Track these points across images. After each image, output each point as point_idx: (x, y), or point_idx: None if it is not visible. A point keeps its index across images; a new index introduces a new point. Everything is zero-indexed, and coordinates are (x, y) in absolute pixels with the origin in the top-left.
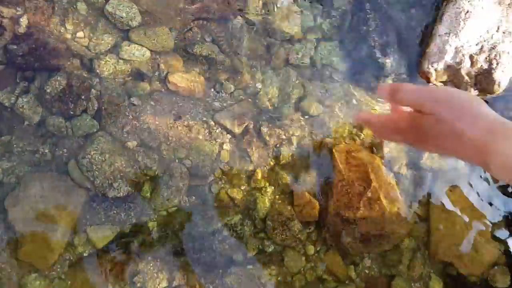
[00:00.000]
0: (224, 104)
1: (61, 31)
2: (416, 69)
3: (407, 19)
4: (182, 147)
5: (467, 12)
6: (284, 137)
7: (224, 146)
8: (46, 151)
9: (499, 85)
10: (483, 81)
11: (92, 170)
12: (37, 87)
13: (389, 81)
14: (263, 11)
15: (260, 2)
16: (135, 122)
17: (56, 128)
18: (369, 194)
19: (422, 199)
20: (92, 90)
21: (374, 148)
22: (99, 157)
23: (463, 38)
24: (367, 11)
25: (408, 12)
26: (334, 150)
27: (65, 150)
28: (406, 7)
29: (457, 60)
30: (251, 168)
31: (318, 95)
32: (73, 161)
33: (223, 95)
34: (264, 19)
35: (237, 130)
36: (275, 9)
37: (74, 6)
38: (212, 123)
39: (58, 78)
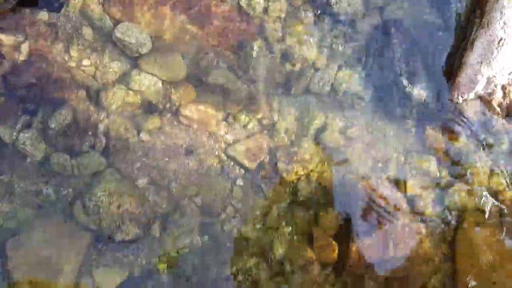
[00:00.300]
0: (238, 137)
1: (66, 58)
2: (444, 98)
3: (434, 42)
4: (193, 184)
5: (501, 39)
6: (302, 172)
7: (237, 182)
8: (50, 191)
9: None
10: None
11: (100, 213)
12: (40, 122)
13: (415, 111)
14: (282, 35)
15: (279, 26)
16: (144, 158)
17: (61, 166)
18: (394, 235)
19: (448, 237)
20: (100, 124)
21: (398, 184)
22: (107, 199)
23: (495, 67)
24: (393, 35)
25: (435, 35)
26: (356, 190)
27: (70, 189)
28: (433, 29)
29: (489, 90)
30: (266, 205)
31: (339, 125)
32: (79, 203)
33: (237, 127)
34: (283, 44)
35: (252, 165)
36: (295, 34)
37: (79, 31)
38: (225, 157)
39: (63, 112)
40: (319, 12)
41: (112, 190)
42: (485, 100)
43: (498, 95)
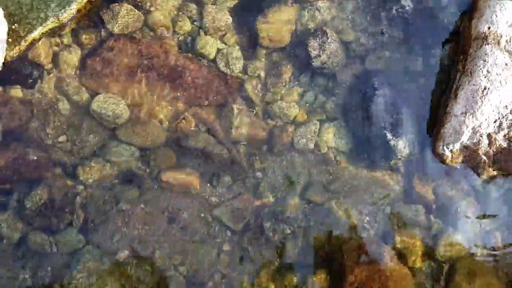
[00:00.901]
0: (222, 199)
1: (42, 136)
2: (429, 149)
3: (417, 91)
4: (177, 253)
5: (485, 89)
6: (289, 231)
7: (224, 247)
8: (27, 276)
9: None
10: (502, 160)
11: None
12: (16, 201)
13: (400, 162)
14: (262, 93)
15: (259, 84)
16: (124, 229)
17: (38, 245)
18: None
19: None
20: (77, 198)
21: (386, 238)
22: (86, 281)
23: (480, 117)
24: (374, 86)
25: (418, 84)
26: (343, 249)
27: (49, 269)
28: (416, 78)
29: (474, 140)
30: (254, 269)
31: (323, 181)
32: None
33: (220, 189)
34: (264, 102)
35: (237, 226)
36: (275, 91)
37: (55, 107)
38: (210, 220)
39: (39, 191)
40: (299, 67)
41: (91, 270)
42: (471, 150)
43: (484, 144)
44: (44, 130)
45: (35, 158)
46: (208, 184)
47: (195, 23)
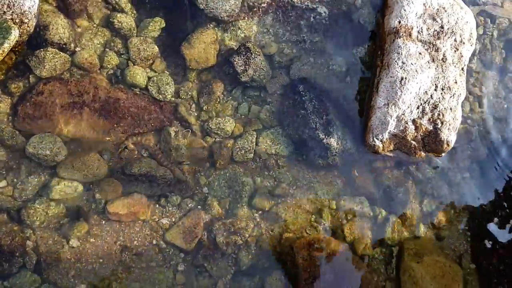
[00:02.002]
0: (173, 219)
1: None
2: (362, 142)
3: (343, 90)
4: (134, 281)
5: (402, 79)
6: (241, 241)
7: (179, 267)
8: None
9: (448, 144)
10: (431, 142)
11: None
12: None
13: (337, 158)
14: (198, 112)
15: (193, 104)
16: (78, 265)
17: None
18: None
19: (393, 275)
20: (28, 242)
21: (336, 232)
22: None
23: (402, 106)
24: (302, 92)
25: (343, 83)
26: (295, 249)
27: None
28: (340, 78)
29: (401, 128)
30: (211, 283)
31: (267, 186)
32: None
33: (170, 209)
34: (200, 120)
35: (190, 246)
36: (209, 109)
37: None
38: (164, 245)
39: None
40: (229, 83)
41: None
42: (399, 137)
43: (411, 130)
44: None
45: None
46: (157, 206)
47: (122, 56)
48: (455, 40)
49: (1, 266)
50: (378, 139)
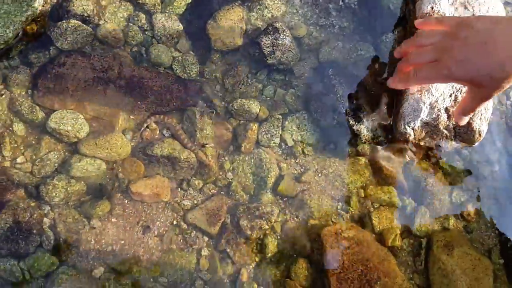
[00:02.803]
0: (195, 202)
1: None
2: (392, 129)
3: (373, 75)
4: (156, 264)
5: None
6: (266, 226)
7: (202, 252)
8: None
9: (480, 134)
10: (463, 132)
11: None
12: None
13: (366, 146)
14: (222, 94)
15: (218, 85)
16: (98, 246)
17: (9, 273)
18: (368, 277)
19: (421, 267)
20: (45, 220)
21: (363, 221)
22: None
23: (435, 93)
24: (331, 76)
25: (372, 68)
26: (322, 235)
27: None
28: (370, 63)
29: (434, 116)
30: (235, 270)
31: (293, 173)
32: None
33: (192, 192)
34: (224, 101)
35: (213, 229)
36: (234, 90)
37: (10, 129)
38: (185, 226)
39: (3, 216)
40: (255, 65)
41: None
42: (431, 126)
43: (443, 118)
44: (1, 153)
45: None
46: (180, 189)
47: (146, 32)
48: None
49: (17, 244)
50: (409, 126)
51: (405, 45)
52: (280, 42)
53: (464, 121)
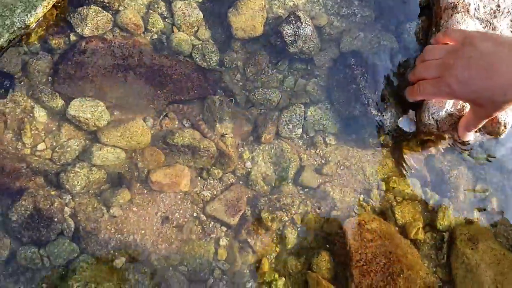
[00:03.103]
0: (215, 192)
1: (18, 147)
2: (415, 120)
3: (396, 67)
4: (175, 253)
5: None
6: (287, 218)
7: (221, 242)
8: None
9: (505, 126)
10: (488, 123)
11: None
12: (0, 216)
13: (389, 137)
14: (242, 83)
15: (238, 74)
16: (119, 235)
17: (29, 260)
18: (391, 269)
19: (443, 261)
20: (66, 208)
21: (385, 213)
22: None
23: None
24: (353, 67)
25: (395, 60)
26: (344, 227)
27: (44, 286)
28: (393, 54)
29: (458, 107)
30: (255, 260)
31: (315, 164)
32: None
33: (211, 182)
34: (245, 90)
35: (233, 220)
36: (255, 79)
37: (31, 115)
38: (204, 217)
39: (23, 203)
40: (276, 54)
41: (88, 279)
42: (456, 117)
43: (468, 109)
44: (21, 140)
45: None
46: (199, 178)
47: (166, 20)
48: (511, 20)
49: (38, 231)
50: (434, 118)
51: (417, 60)
52: (301, 31)
53: (468, 137)
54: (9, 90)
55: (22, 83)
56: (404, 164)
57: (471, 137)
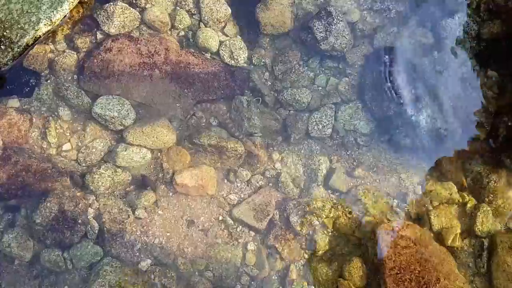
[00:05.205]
0: (242, 196)
1: (44, 146)
2: (453, 122)
3: (432, 64)
4: (201, 257)
5: None
6: (317, 222)
7: (249, 247)
8: None
9: None
10: None
11: None
12: (24, 218)
13: (425, 138)
14: (271, 81)
15: (266, 72)
16: (144, 238)
17: (53, 263)
18: (426, 278)
19: (483, 270)
20: (90, 210)
21: (421, 219)
22: None
23: None
24: (387, 63)
25: (431, 56)
26: (378, 234)
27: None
28: (428, 51)
29: None
30: (284, 267)
31: (346, 166)
32: None
33: (239, 185)
34: (274, 89)
35: (261, 224)
36: (285, 77)
37: (56, 113)
38: (231, 221)
39: (48, 205)
40: (306, 51)
41: (112, 282)
42: None
43: None
44: (46, 139)
45: None
46: (226, 181)
47: (194, 16)
48: None
49: (62, 234)
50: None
51: None
52: (333, 27)
53: None
54: (34, 89)
55: (48, 81)
56: (441, 167)
57: None
